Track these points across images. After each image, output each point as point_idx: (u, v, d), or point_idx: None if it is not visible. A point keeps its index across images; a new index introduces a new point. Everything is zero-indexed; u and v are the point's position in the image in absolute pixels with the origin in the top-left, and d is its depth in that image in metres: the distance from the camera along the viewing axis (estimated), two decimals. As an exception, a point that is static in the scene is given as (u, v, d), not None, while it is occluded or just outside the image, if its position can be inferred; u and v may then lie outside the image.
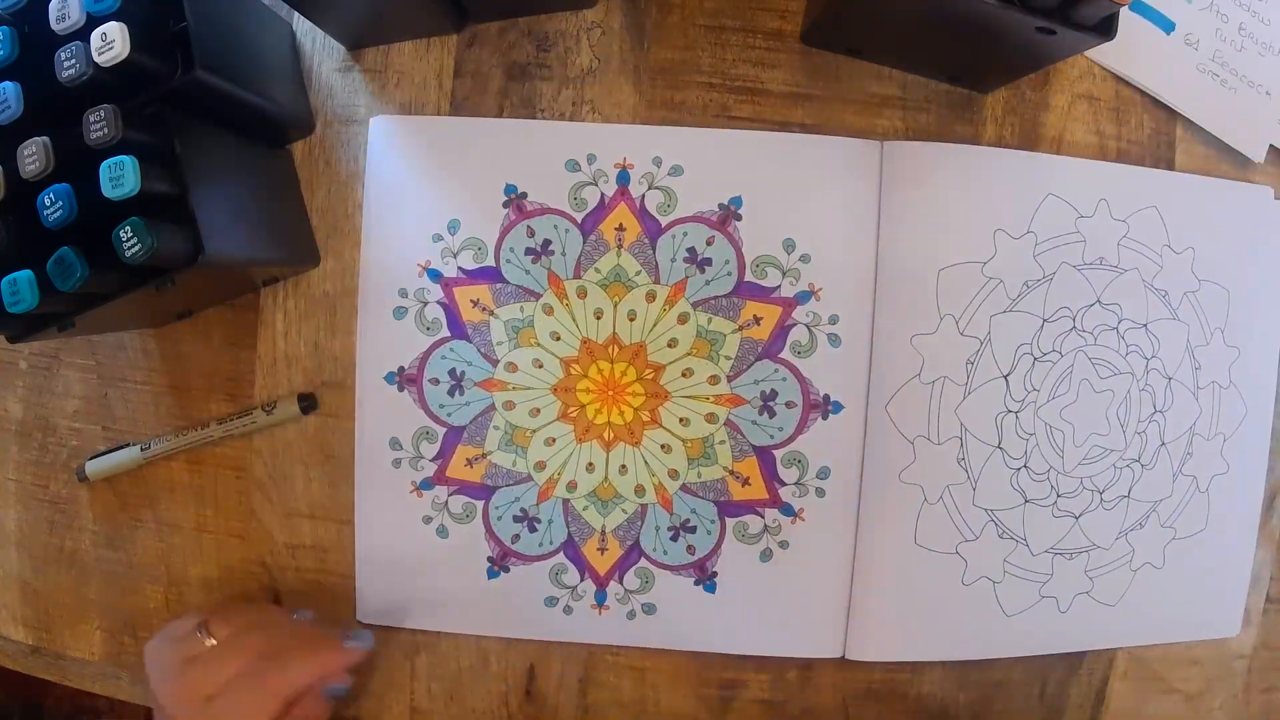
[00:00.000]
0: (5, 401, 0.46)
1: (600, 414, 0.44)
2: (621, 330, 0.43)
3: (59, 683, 0.47)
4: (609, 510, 0.44)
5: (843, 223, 0.43)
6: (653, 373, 0.44)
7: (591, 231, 0.43)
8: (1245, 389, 0.46)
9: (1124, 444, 0.45)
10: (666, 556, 0.44)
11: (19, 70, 0.33)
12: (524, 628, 0.45)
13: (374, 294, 0.44)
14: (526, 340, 0.44)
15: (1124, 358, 0.45)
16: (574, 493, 0.44)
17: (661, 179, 0.43)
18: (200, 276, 0.35)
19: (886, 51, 0.43)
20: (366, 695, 0.45)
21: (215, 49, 0.34)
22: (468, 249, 0.43)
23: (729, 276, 0.43)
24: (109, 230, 0.32)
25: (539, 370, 0.44)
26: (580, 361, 0.44)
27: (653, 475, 0.44)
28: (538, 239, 0.43)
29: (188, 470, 0.45)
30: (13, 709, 0.99)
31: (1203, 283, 0.45)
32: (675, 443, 0.44)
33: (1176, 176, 0.45)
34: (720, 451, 0.44)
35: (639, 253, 0.43)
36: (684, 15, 0.43)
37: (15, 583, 0.47)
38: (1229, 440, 0.46)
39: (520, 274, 0.43)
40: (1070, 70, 0.45)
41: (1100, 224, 0.44)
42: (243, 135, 0.40)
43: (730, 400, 0.44)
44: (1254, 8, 0.45)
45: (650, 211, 0.43)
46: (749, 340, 0.43)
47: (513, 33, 0.43)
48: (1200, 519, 0.46)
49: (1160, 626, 0.46)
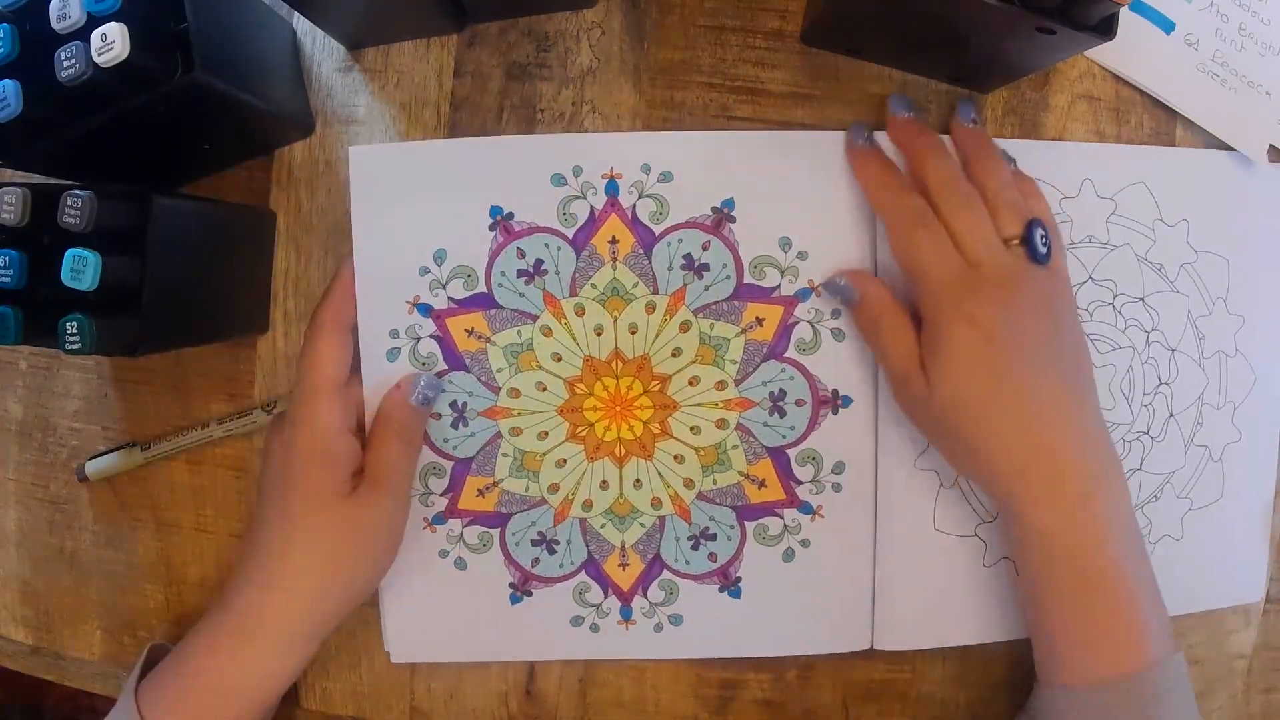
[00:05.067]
0: (5, 401, 0.46)
1: (609, 430, 0.43)
2: (624, 344, 0.43)
3: (59, 683, 0.47)
4: (627, 525, 0.44)
5: (837, 216, 0.42)
6: (659, 384, 0.43)
7: (584, 247, 0.42)
8: (1253, 355, 0.46)
9: (1131, 417, 0.45)
10: (689, 566, 0.44)
11: (19, 69, 0.33)
12: (553, 649, 0.44)
13: (368, 341, 0.42)
14: (527, 364, 0.43)
15: (1123, 332, 0.44)
16: (590, 511, 0.44)
17: (651, 187, 0.42)
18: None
19: (886, 51, 0.43)
20: (367, 695, 0.45)
21: (215, 49, 0.34)
22: (457, 277, 0.42)
23: (728, 280, 0.42)
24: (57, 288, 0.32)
25: (543, 393, 0.43)
26: (584, 380, 0.43)
27: (668, 486, 0.44)
28: (529, 259, 0.42)
29: (188, 470, 0.45)
30: (13, 709, 0.99)
31: (1200, 253, 0.45)
32: (688, 452, 0.43)
33: (1162, 151, 0.45)
34: (734, 456, 0.43)
35: (634, 264, 0.42)
36: (684, 15, 0.43)
37: (15, 583, 0.47)
38: (1240, 408, 0.46)
39: (514, 297, 0.42)
40: (1070, 70, 0.45)
41: (1086, 203, 0.44)
42: (228, 205, 0.40)
43: (740, 404, 0.43)
44: (1254, 8, 0.45)
45: (642, 221, 0.42)
46: (753, 342, 0.43)
47: (513, 33, 0.43)
48: (1216, 488, 0.46)
49: (1183, 597, 0.45)
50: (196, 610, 0.45)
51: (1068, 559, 0.36)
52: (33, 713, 1.00)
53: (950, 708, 0.46)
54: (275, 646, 0.37)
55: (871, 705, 0.45)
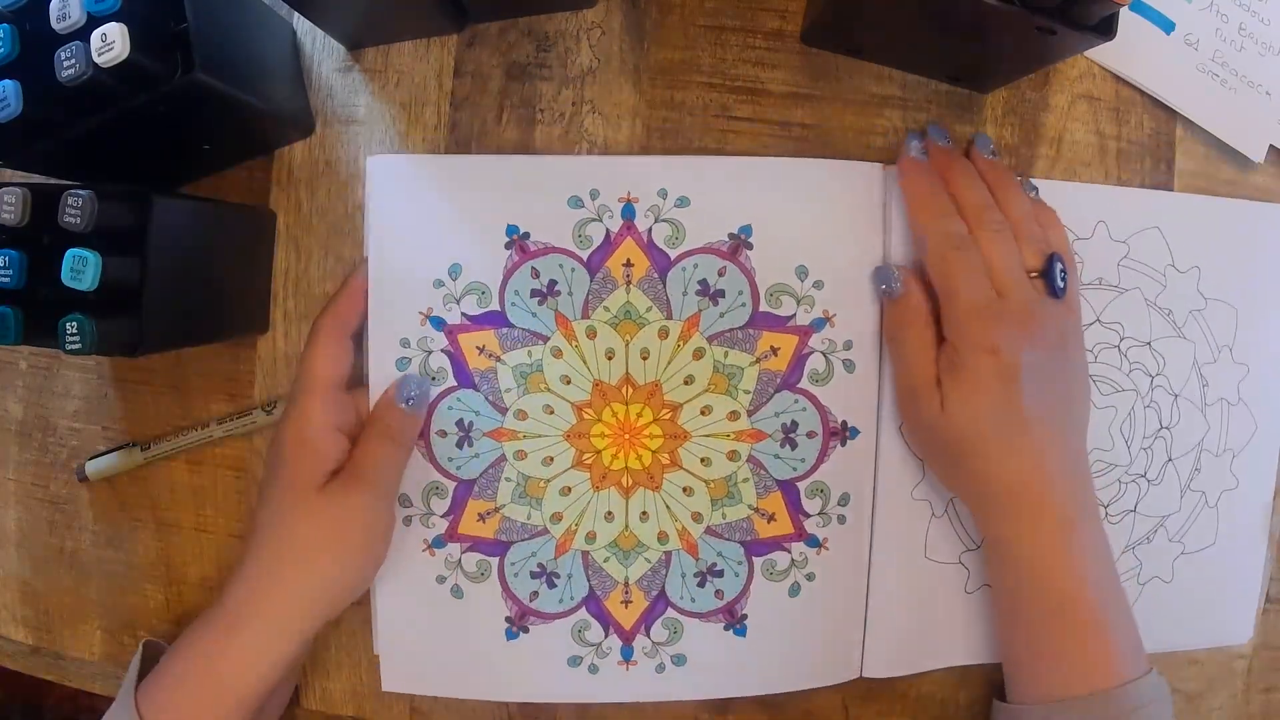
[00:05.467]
0: (5, 401, 0.46)
1: (617, 459, 0.42)
2: (635, 370, 0.42)
3: (59, 683, 0.47)
4: (631, 560, 0.42)
5: (852, 247, 0.42)
6: (670, 412, 0.42)
7: (598, 269, 0.41)
8: (1255, 405, 0.46)
9: (1129, 459, 0.45)
10: (694, 604, 0.43)
11: (19, 69, 0.33)
12: (549, 690, 0.43)
13: (378, 347, 0.41)
14: (536, 386, 0.42)
15: (1127, 375, 0.45)
16: (593, 544, 0.42)
17: (668, 211, 0.41)
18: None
19: (886, 51, 0.43)
20: (367, 695, 0.45)
21: (215, 50, 0.34)
22: (471, 293, 0.41)
23: (744, 308, 0.42)
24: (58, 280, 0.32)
25: (550, 416, 0.42)
26: (593, 405, 0.42)
27: (675, 520, 0.42)
28: (543, 280, 0.41)
29: (188, 470, 0.45)
30: (13, 709, 0.99)
31: (1209, 301, 0.45)
32: (697, 484, 0.42)
33: (1178, 197, 0.45)
34: (744, 490, 0.42)
35: (649, 288, 0.41)
36: (684, 15, 0.43)
37: (15, 583, 0.47)
38: (1238, 456, 0.46)
39: (526, 317, 0.41)
40: (1070, 70, 0.45)
41: (1099, 245, 0.44)
42: (227, 205, 0.40)
43: (751, 435, 0.42)
44: (1254, 8, 0.45)
45: (658, 245, 0.41)
46: (767, 372, 0.42)
47: (513, 33, 0.43)
48: (1210, 533, 0.46)
49: (1165, 636, 0.46)
50: (196, 610, 0.45)
51: (1042, 580, 0.37)
52: (33, 713, 1.00)
53: (950, 708, 0.46)
54: (260, 637, 0.36)
55: (871, 705, 0.45)
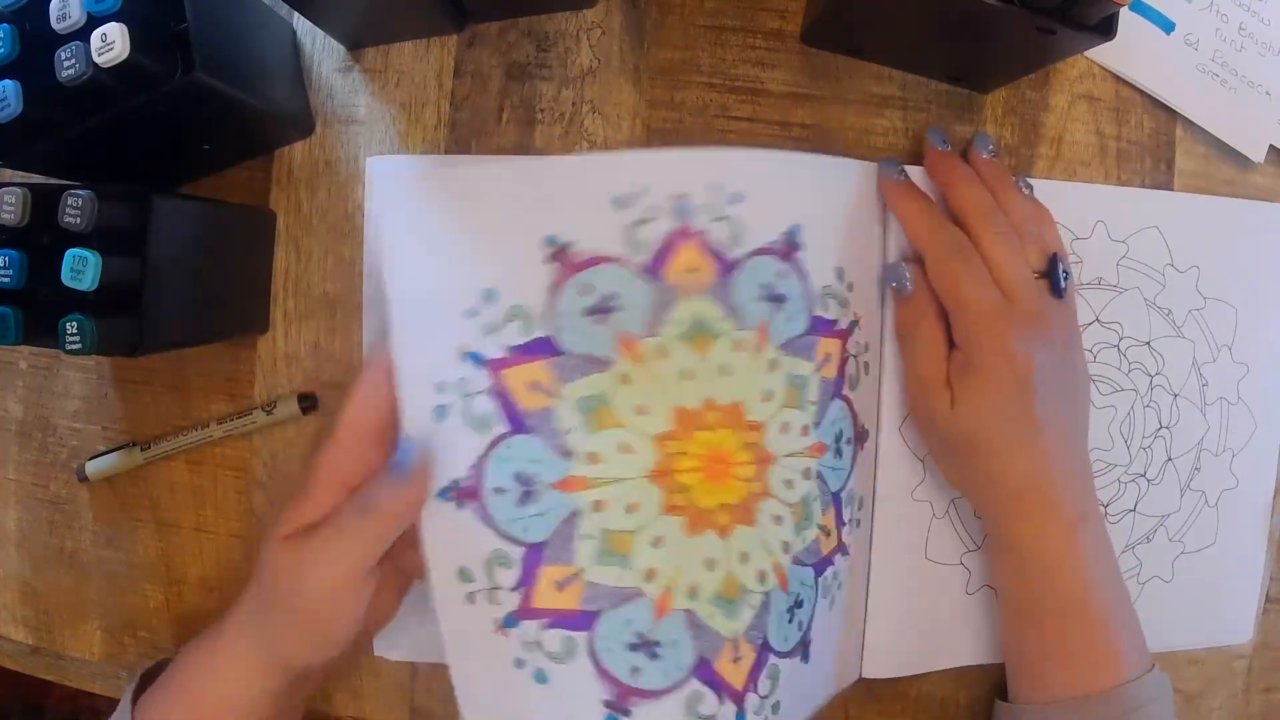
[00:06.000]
0: (5, 401, 0.46)
1: (710, 496, 0.35)
2: (717, 390, 0.35)
3: (59, 683, 0.47)
4: (738, 610, 0.36)
5: (873, 248, 0.41)
6: (756, 434, 0.36)
7: (658, 277, 0.34)
8: (1255, 404, 0.46)
9: (1128, 459, 0.45)
10: (785, 643, 0.37)
11: (19, 69, 0.33)
12: None
13: (411, 398, 0.33)
14: (604, 421, 0.34)
15: (1126, 375, 0.45)
16: (696, 599, 0.35)
17: (725, 208, 0.35)
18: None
19: (886, 51, 0.43)
20: (367, 696, 0.45)
21: (215, 50, 0.34)
22: (513, 320, 0.34)
23: (803, 313, 0.36)
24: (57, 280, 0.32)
25: (627, 456, 0.34)
26: (676, 436, 0.35)
27: (770, 555, 0.36)
28: (596, 295, 0.34)
29: (188, 470, 0.45)
30: (13, 709, 0.99)
31: (1209, 300, 0.45)
32: (784, 511, 0.37)
33: (1177, 197, 0.45)
34: (814, 509, 0.38)
35: (718, 295, 0.35)
36: (684, 15, 0.43)
37: (15, 583, 0.47)
38: (1238, 455, 0.46)
39: (583, 341, 0.34)
40: (1070, 70, 0.45)
41: (1098, 245, 0.44)
42: (227, 205, 0.40)
43: (818, 449, 0.38)
44: (1254, 8, 0.45)
45: (719, 246, 0.35)
46: (825, 380, 0.38)
47: (513, 33, 0.43)
48: (1210, 533, 0.46)
49: (1166, 636, 0.46)
50: (196, 610, 0.45)
51: (1050, 580, 0.37)
52: (33, 713, 1.00)
53: (951, 708, 0.46)
54: (243, 663, 0.35)
55: (871, 705, 0.45)
